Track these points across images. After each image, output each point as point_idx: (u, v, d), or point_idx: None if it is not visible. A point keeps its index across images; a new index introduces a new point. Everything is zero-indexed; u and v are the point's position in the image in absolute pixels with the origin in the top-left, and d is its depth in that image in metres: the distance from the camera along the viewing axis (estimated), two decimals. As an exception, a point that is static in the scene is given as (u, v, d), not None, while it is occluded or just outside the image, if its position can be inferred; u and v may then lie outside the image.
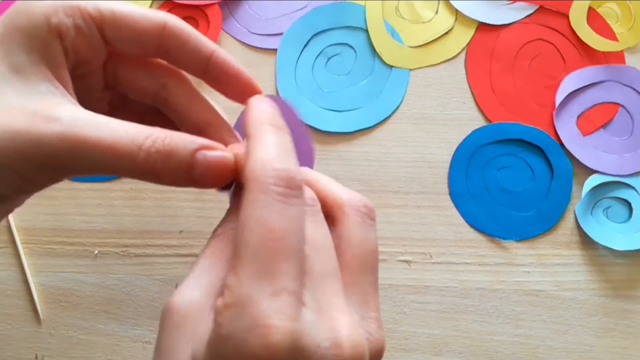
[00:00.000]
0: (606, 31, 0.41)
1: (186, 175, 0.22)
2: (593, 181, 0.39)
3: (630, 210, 0.38)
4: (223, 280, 0.21)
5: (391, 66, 0.41)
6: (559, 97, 0.40)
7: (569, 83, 0.40)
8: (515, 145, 0.39)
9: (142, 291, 0.38)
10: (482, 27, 0.41)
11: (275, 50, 0.42)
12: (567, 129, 0.39)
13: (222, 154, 0.22)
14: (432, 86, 0.41)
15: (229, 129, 0.26)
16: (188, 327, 0.20)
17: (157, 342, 0.21)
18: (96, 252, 0.39)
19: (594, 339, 0.37)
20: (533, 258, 0.38)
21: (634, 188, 0.38)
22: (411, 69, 0.41)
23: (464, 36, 0.41)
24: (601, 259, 0.38)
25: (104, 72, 0.25)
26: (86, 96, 0.24)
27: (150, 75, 0.25)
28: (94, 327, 0.38)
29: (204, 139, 0.22)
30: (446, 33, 0.41)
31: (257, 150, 0.20)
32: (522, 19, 0.41)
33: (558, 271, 0.38)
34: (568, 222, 0.38)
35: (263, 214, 0.19)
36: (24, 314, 0.38)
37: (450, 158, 0.39)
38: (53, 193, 0.40)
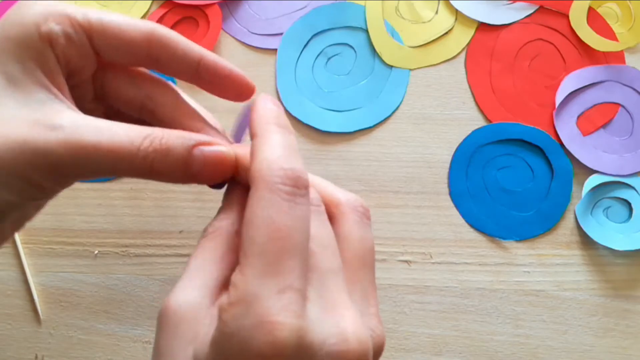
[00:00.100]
0: (606, 31, 0.41)
1: (184, 172, 0.22)
2: (593, 181, 0.39)
3: (630, 210, 0.38)
4: (218, 279, 0.21)
5: (391, 66, 0.41)
6: (559, 97, 0.40)
7: (569, 83, 0.40)
8: (515, 145, 0.39)
9: (142, 291, 0.38)
10: (482, 27, 0.41)
11: (275, 50, 0.42)
12: (567, 129, 0.39)
13: (219, 148, 0.22)
14: (432, 86, 0.41)
15: (219, 135, 0.26)
16: (187, 329, 0.20)
17: (155, 344, 0.21)
18: (96, 252, 0.39)
19: (594, 339, 0.37)
20: (533, 258, 0.38)
21: (634, 188, 0.38)
22: (411, 69, 0.41)
23: (464, 36, 0.41)
24: (601, 259, 0.38)
25: (93, 83, 0.25)
26: (78, 107, 0.24)
27: (135, 85, 0.25)
28: (94, 327, 0.38)
29: (202, 136, 0.22)
30: (446, 33, 0.41)
31: (264, 150, 0.21)
32: (522, 19, 0.41)
33: (558, 271, 0.38)
34: (568, 222, 0.38)
35: (270, 213, 0.19)
36: (24, 314, 0.38)
37: (450, 158, 0.39)
38: (53, 193, 0.40)
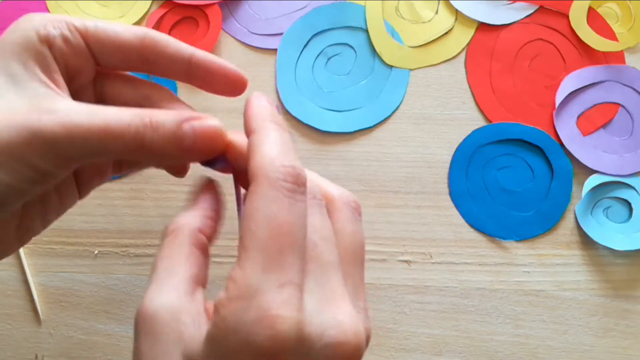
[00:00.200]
0: (606, 31, 0.41)
1: (175, 145, 0.22)
2: (593, 181, 0.39)
3: (630, 210, 0.38)
4: (189, 279, 0.22)
5: (391, 66, 0.41)
6: (559, 97, 0.40)
7: (569, 83, 0.40)
8: (515, 145, 0.39)
9: (142, 291, 0.38)
10: (482, 27, 0.41)
11: (275, 50, 0.42)
12: (567, 129, 0.39)
13: (208, 122, 0.23)
14: (432, 86, 0.41)
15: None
16: (169, 332, 0.20)
17: (135, 351, 0.20)
18: (96, 252, 0.39)
19: (594, 339, 0.37)
20: (533, 258, 0.38)
21: (634, 188, 0.38)
22: (411, 69, 0.41)
23: (464, 36, 0.41)
24: (601, 259, 0.38)
25: (94, 89, 0.26)
26: None
27: (133, 88, 0.27)
28: (94, 327, 0.38)
29: (192, 112, 0.23)
30: (446, 33, 0.41)
31: (264, 146, 0.21)
32: (522, 19, 0.41)
33: (558, 271, 0.38)
34: (568, 222, 0.38)
35: (272, 208, 0.20)
36: (24, 314, 0.38)
37: (450, 158, 0.39)
38: (53, 193, 0.40)
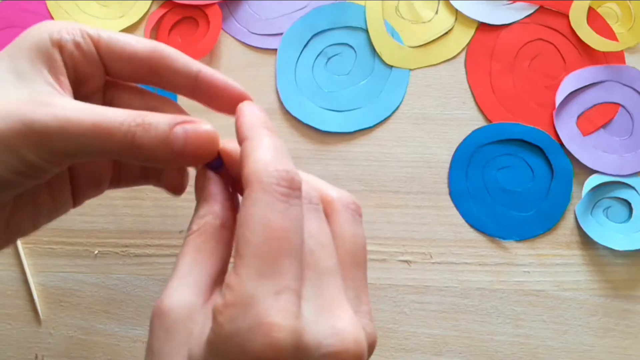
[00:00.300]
0: (606, 31, 0.41)
1: (166, 148, 0.22)
2: (593, 181, 0.39)
3: (630, 210, 0.38)
4: (209, 276, 0.21)
5: (391, 66, 0.41)
6: (559, 97, 0.40)
7: (569, 83, 0.40)
8: (515, 145, 0.39)
9: (142, 291, 0.38)
10: (482, 27, 0.41)
11: (275, 50, 0.42)
12: (567, 129, 0.39)
13: (201, 126, 0.23)
14: (432, 86, 0.41)
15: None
16: (182, 329, 0.20)
17: (148, 345, 0.21)
18: (96, 252, 0.39)
19: (594, 339, 0.37)
20: (533, 258, 0.38)
21: (634, 188, 0.38)
22: (411, 69, 0.41)
23: (464, 36, 0.41)
24: (601, 259, 0.38)
25: (104, 99, 0.27)
26: None
27: (142, 98, 0.27)
28: (94, 327, 0.38)
29: (186, 117, 0.23)
30: (446, 33, 0.41)
31: (257, 152, 0.21)
32: (522, 19, 0.41)
33: (558, 271, 0.38)
34: (568, 222, 0.38)
35: (266, 214, 0.19)
36: (24, 314, 0.38)
37: (450, 158, 0.39)
38: (53, 193, 0.40)
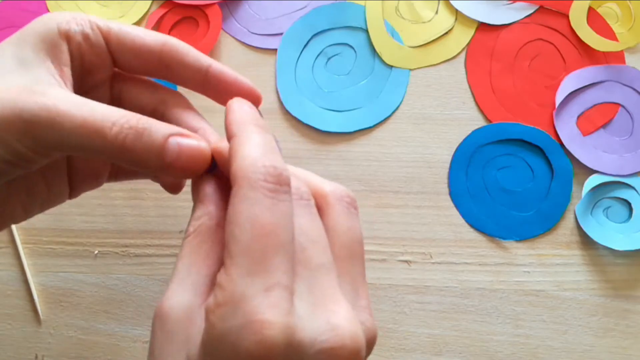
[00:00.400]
0: (606, 31, 0.41)
1: (157, 158, 0.22)
2: (593, 181, 0.39)
3: (630, 210, 0.38)
4: (207, 277, 0.21)
5: (391, 66, 0.41)
6: (559, 97, 0.40)
7: (569, 83, 0.40)
8: (515, 145, 0.39)
9: (142, 291, 0.38)
10: (482, 27, 0.41)
11: (275, 50, 0.42)
12: (567, 129, 0.39)
13: (196, 142, 0.22)
14: (432, 86, 0.41)
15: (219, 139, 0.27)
16: (181, 331, 0.20)
17: (150, 347, 0.21)
18: (96, 252, 0.39)
19: (594, 339, 0.37)
20: (533, 258, 0.38)
21: (634, 188, 0.38)
22: (411, 69, 0.41)
23: (464, 36, 0.41)
24: (601, 259, 0.38)
25: (111, 90, 0.27)
26: None
27: (151, 92, 0.27)
28: (94, 327, 0.38)
29: (181, 128, 0.23)
30: (446, 33, 0.41)
31: (244, 148, 0.21)
32: (522, 19, 0.41)
33: (558, 271, 0.38)
34: (568, 222, 0.38)
35: (254, 210, 0.19)
36: (24, 314, 0.38)
37: (450, 158, 0.39)
38: (53, 193, 0.40)
